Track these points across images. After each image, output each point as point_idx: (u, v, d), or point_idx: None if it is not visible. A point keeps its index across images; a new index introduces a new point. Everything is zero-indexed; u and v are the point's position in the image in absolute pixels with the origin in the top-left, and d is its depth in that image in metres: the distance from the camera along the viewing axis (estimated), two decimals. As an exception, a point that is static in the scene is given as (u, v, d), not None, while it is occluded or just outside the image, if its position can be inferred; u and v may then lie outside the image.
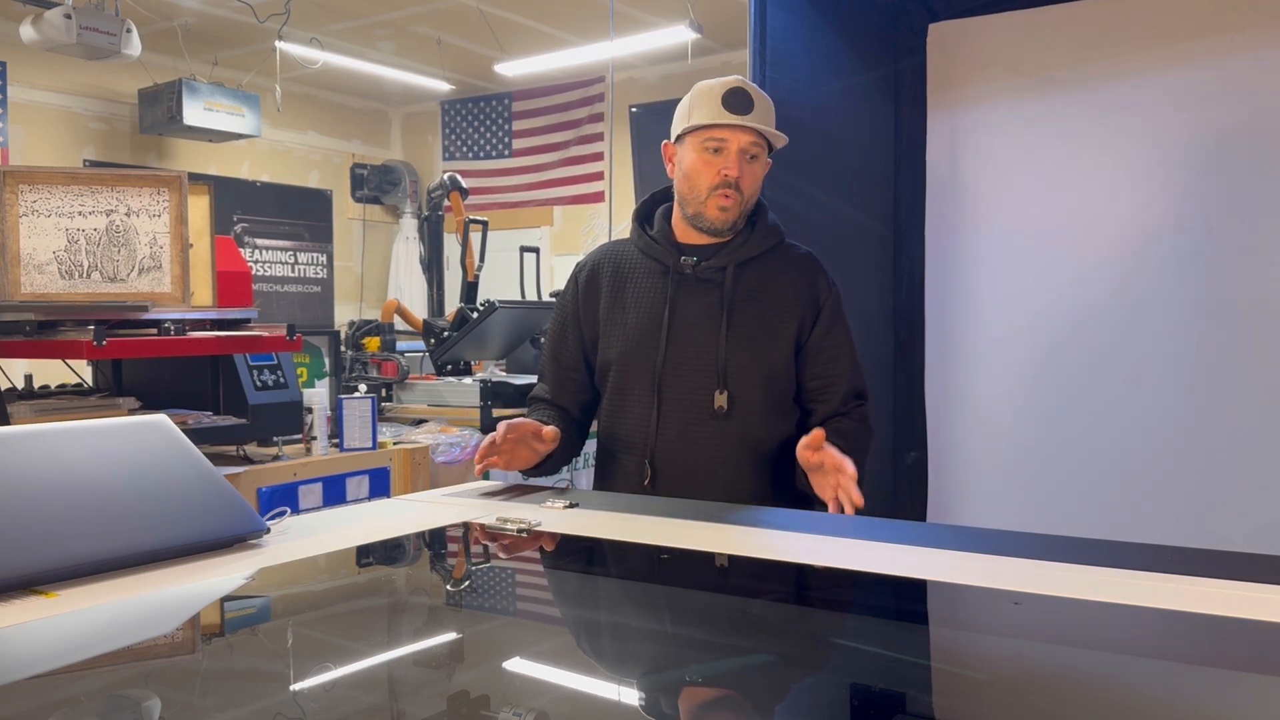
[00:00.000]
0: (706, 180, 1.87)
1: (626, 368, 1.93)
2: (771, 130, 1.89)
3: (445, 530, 1.53)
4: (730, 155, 1.86)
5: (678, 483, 1.87)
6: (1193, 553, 1.28)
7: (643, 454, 1.90)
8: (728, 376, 1.87)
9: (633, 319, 1.94)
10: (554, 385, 2.04)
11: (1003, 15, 3.25)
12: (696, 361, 1.88)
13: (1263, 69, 2.89)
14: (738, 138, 1.86)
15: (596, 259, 2.04)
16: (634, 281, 1.97)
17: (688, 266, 1.92)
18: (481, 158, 8.97)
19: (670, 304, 1.91)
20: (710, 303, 1.90)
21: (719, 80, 1.90)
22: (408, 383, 4.37)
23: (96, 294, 2.77)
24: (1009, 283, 3.27)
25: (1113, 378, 3.09)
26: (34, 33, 5.42)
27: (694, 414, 1.88)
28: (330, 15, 6.81)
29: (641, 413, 1.91)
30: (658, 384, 1.89)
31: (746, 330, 1.89)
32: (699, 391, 1.88)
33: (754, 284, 1.92)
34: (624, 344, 1.93)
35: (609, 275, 1.99)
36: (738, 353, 1.88)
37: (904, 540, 1.37)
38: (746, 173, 1.88)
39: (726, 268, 1.91)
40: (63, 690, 0.95)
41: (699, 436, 1.88)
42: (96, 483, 1.26)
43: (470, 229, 4.72)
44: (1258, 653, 1.01)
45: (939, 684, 0.99)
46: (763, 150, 1.90)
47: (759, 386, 1.89)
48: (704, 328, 1.89)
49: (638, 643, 1.13)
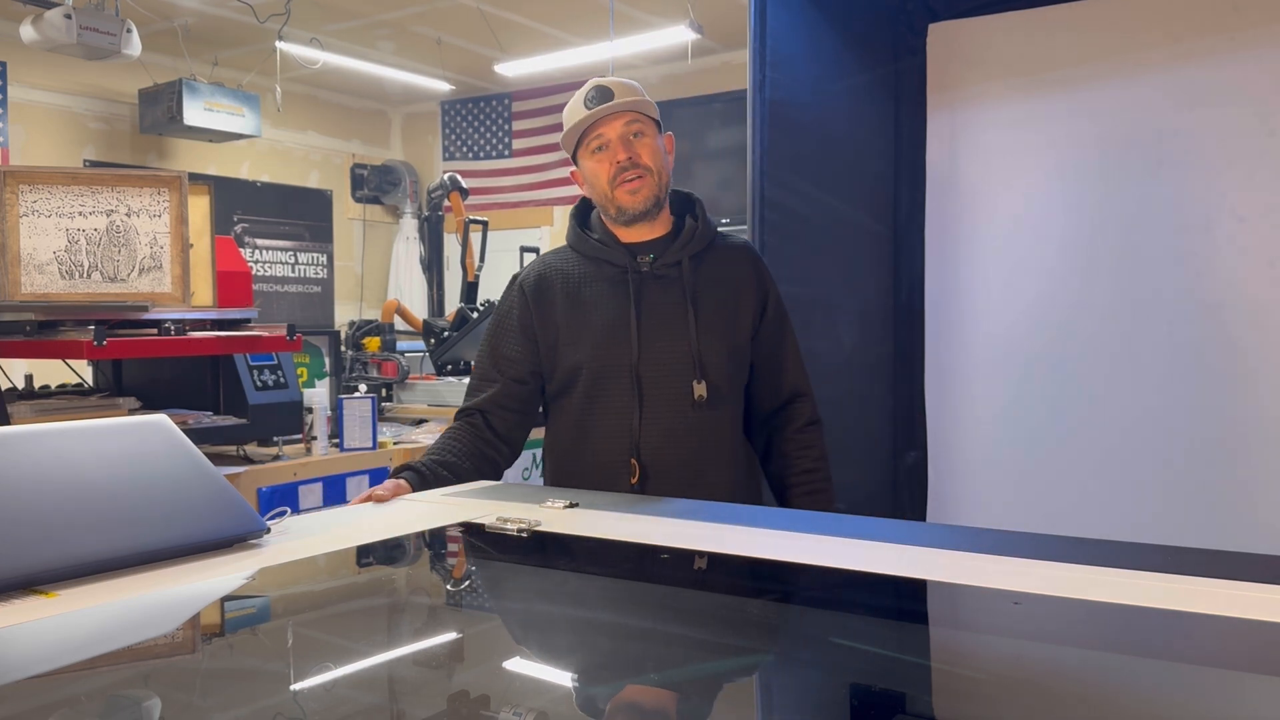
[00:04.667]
0: (605, 176, 1.92)
1: (600, 370, 1.92)
2: (641, 101, 1.92)
3: (445, 530, 1.53)
4: (613, 143, 1.90)
5: (667, 476, 1.89)
6: (1193, 553, 1.28)
7: (627, 452, 1.90)
8: (703, 365, 1.91)
9: (597, 321, 1.93)
10: (493, 398, 1.98)
11: (1003, 15, 3.25)
12: (672, 355, 1.91)
13: (1263, 69, 2.89)
14: (612, 126, 1.90)
15: (539, 268, 2.03)
16: (589, 285, 1.96)
17: (645, 264, 1.95)
18: (481, 158, 8.97)
19: (635, 302, 1.92)
20: (674, 296, 1.94)
21: (579, 90, 1.95)
22: (408, 383, 4.37)
23: (97, 294, 2.77)
24: (1009, 282, 3.27)
25: (1113, 377, 3.09)
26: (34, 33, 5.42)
27: (675, 407, 1.90)
28: (330, 15, 6.81)
29: (622, 412, 1.91)
30: (636, 382, 1.90)
31: (712, 318, 1.94)
32: (678, 384, 1.90)
33: (709, 274, 1.97)
34: (592, 346, 1.93)
35: (559, 282, 1.98)
36: (709, 340, 1.92)
37: (904, 540, 1.37)
38: (639, 149, 1.91)
39: (681, 261, 1.95)
40: (63, 690, 0.95)
41: (682, 428, 1.90)
42: (96, 483, 1.26)
43: (470, 229, 4.72)
44: (1258, 653, 1.01)
45: (939, 684, 0.99)
46: (647, 125, 1.93)
47: (731, 372, 1.95)
48: (672, 321, 1.92)
49: (638, 643, 1.13)
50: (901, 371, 3.43)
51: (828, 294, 3.06)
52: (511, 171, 8.84)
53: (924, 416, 3.37)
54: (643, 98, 1.93)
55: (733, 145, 7.10)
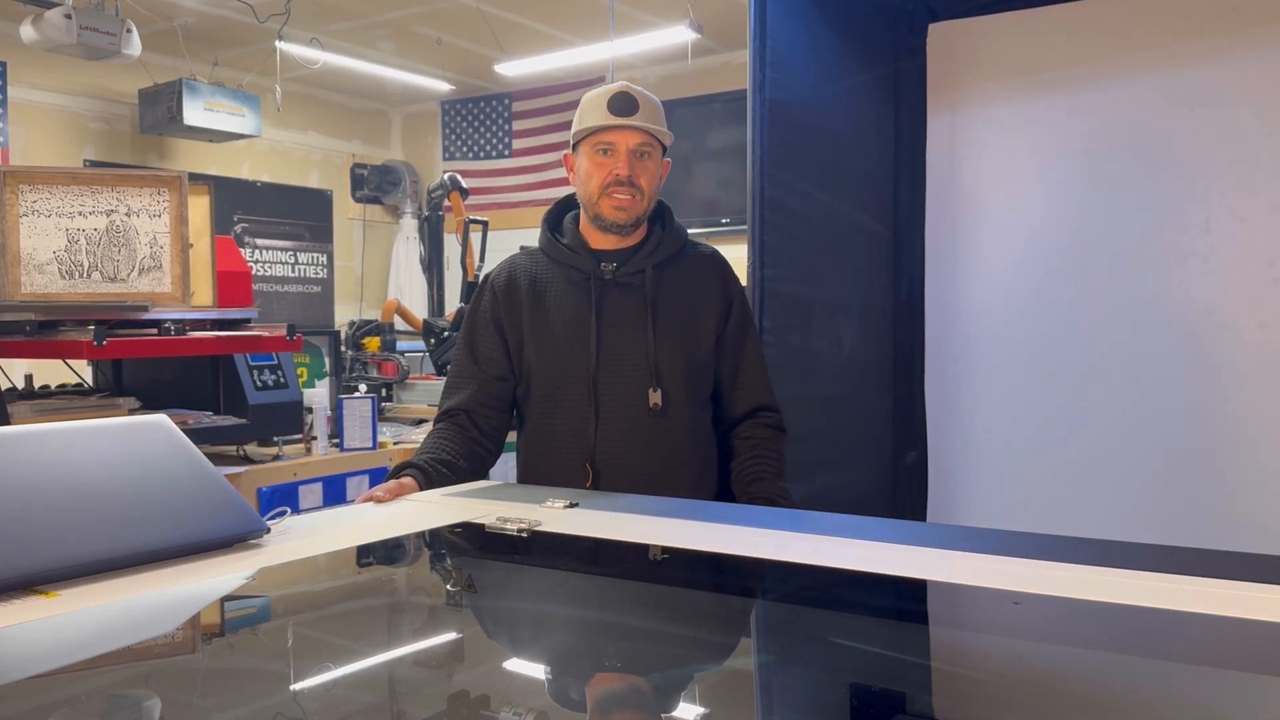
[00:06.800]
0: (598, 181, 1.93)
1: (557, 374, 1.95)
2: (659, 129, 1.94)
3: (445, 530, 1.53)
4: (620, 155, 1.91)
5: (620, 481, 1.90)
6: (1193, 553, 1.28)
7: (583, 457, 1.92)
8: (659, 374, 1.92)
9: (558, 326, 1.96)
10: (472, 396, 2.00)
11: (1003, 15, 3.25)
12: (628, 362, 1.93)
13: (1263, 69, 2.89)
14: (625, 138, 1.92)
15: (509, 269, 2.05)
16: (554, 289, 1.99)
17: (608, 272, 1.96)
18: (481, 158, 8.97)
19: (596, 309, 1.94)
20: (634, 304, 1.95)
21: (606, 87, 1.96)
22: (408, 383, 4.37)
23: (96, 294, 2.77)
24: (1009, 283, 3.27)
25: (1113, 377, 3.09)
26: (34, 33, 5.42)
27: (630, 413, 1.92)
28: (330, 15, 6.81)
29: (578, 417, 1.93)
30: (593, 387, 1.92)
31: (671, 328, 1.95)
32: (633, 391, 1.92)
33: (671, 283, 1.98)
34: (552, 351, 1.95)
35: (526, 284, 2.00)
36: (666, 350, 1.93)
37: (904, 540, 1.37)
38: (639, 170, 1.93)
39: (645, 270, 1.96)
40: (63, 690, 0.95)
41: (637, 435, 1.92)
42: (96, 483, 1.26)
43: (470, 229, 4.72)
44: (1258, 653, 1.01)
45: (939, 684, 0.99)
46: (655, 149, 1.96)
47: (687, 381, 1.95)
48: (631, 329, 1.94)
49: (638, 642, 1.13)
50: (901, 371, 3.42)
51: (828, 294, 3.06)
52: (511, 171, 8.84)
53: (924, 416, 3.37)
54: (660, 124, 1.96)
55: (733, 145, 7.09)
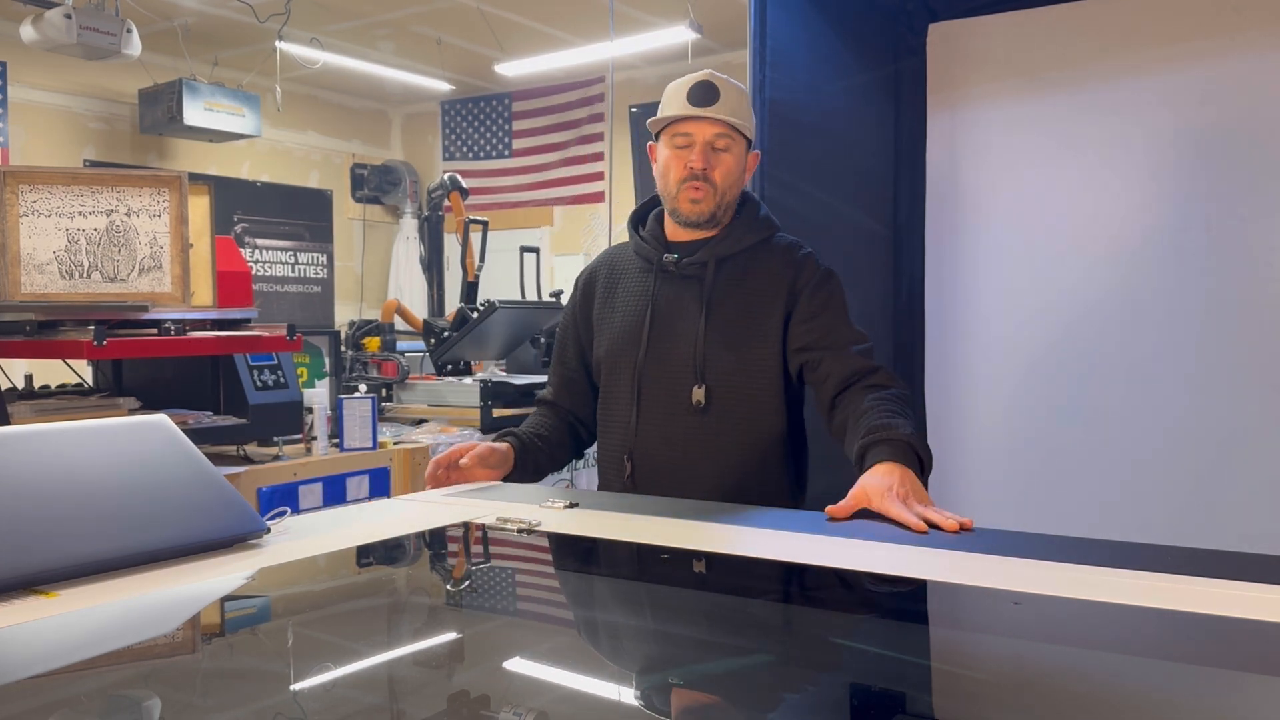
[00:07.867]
0: (675, 174, 1.88)
1: (612, 366, 1.96)
2: (740, 121, 1.87)
3: (445, 530, 1.53)
4: (696, 148, 1.86)
5: (656, 478, 1.88)
6: (1193, 553, 1.28)
7: (624, 450, 1.92)
8: (705, 371, 1.86)
9: (619, 318, 1.97)
10: (557, 388, 2.09)
11: (1003, 15, 3.25)
12: (675, 357, 1.88)
13: (1263, 69, 2.89)
14: (703, 130, 1.86)
15: (596, 264, 2.09)
16: (625, 281, 2.00)
17: (670, 263, 1.93)
18: (481, 158, 8.97)
19: (652, 301, 1.92)
20: (691, 298, 1.90)
21: (690, 75, 1.90)
22: (408, 383, 4.37)
23: (96, 294, 2.77)
24: (1009, 283, 3.27)
25: (1112, 377, 3.09)
26: (34, 33, 5.42)
27: (671, 409, 1.88)
28: (330, 15, 6.81)
29: (623, 409, 1.93)
30: (637, 380, 1.91)
31: (727, 324, 1.87)
32: (677, 387, 1.87)
33: (736, 278, 1.90)
34: (610, 342, 1.96)
35: (604, 278, 2.03)
36: (717, 347, 1.86)
37: (904, 540, 1.37)
38: (716, 163, 1.87)
39: (708, 262, 1.90)
40: (63, 690, 0.95)
41: (676, 432, 1.87)
42: (96, 483, 1.26)
43: (470, 229, 4.72)
44: (1258, 653, 1.01)
45: (939, 684, 0.99)
46: (734, 141, 1.88)
47: (740, 381, 1.86)
48: (684, 323, 1.89)
49: (637, 643, 1.13)
50: (901, 372, 3.42)
51: (828, 294, 3.06)
52: (511, 171, 8.84)
53: (924, 416, 3.37)
54: (744, 115, 1.88)
55: (733, 145, 7.09)
